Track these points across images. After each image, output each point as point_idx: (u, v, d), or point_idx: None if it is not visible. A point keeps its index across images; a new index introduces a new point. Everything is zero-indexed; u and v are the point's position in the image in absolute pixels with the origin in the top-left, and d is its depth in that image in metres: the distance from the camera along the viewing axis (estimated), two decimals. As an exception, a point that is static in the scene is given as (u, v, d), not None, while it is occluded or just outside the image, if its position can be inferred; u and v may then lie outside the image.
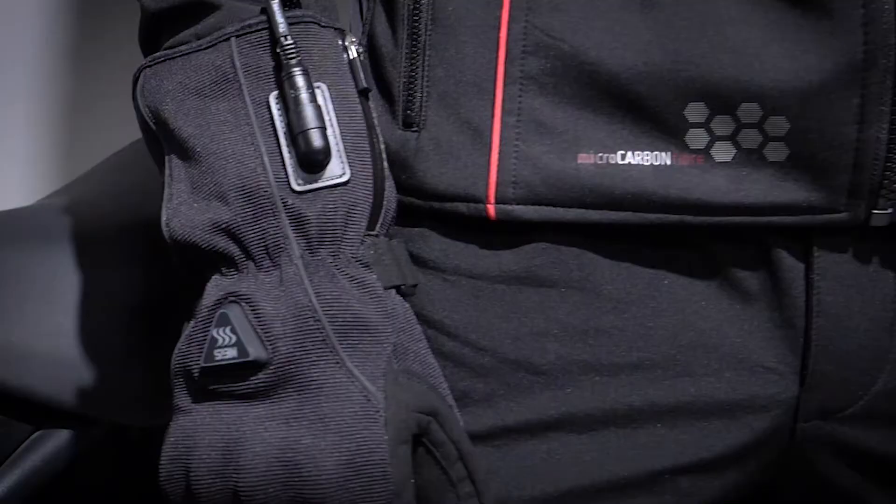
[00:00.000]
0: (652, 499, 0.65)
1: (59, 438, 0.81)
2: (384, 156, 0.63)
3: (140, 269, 0.83)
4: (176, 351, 0.61)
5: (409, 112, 0.64)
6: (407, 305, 0.62)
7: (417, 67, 0.64)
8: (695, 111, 0.60)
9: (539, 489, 0.64)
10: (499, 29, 0.62)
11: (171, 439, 0.60)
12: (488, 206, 0.62)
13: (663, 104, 0.60)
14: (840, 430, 0.65)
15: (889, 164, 0.60)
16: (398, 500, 0.57)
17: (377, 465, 0.56)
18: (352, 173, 0.60)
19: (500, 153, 0.62)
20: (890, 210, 0.61)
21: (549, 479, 0.64)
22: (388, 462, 0.56)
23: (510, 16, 0.62)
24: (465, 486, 0.60)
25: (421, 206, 0.64)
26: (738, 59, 0.59)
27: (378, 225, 0.61)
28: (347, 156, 0.60)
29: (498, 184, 0.62)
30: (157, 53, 0.63)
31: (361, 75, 0.62)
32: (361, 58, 0.63)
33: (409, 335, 0.61)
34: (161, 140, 0.63)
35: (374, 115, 0.63)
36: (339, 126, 0.60)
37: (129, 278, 0.83)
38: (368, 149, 0.61)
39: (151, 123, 0.63)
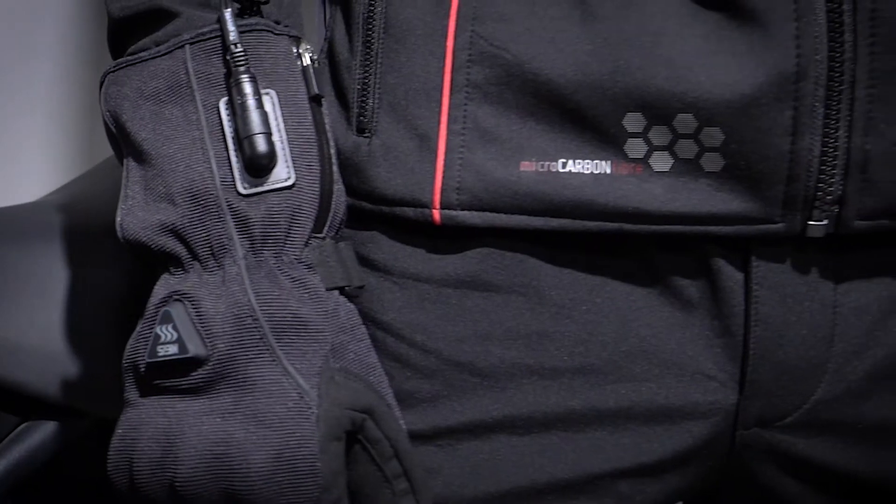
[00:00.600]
0: (592, 501, 0.66)
1: (45, 430, 0.83)
2: (334, 160, 0.64)
3: (129, 266, 0.85)
4: (127, 346, 0.63)
5: (362, 118, 0.66)
6: (351, 306, 0.64)
7: (370, 75, 0.66)
8: (633, 121, 0.61)
9: (482, 489, 0.65)
10: (446, 38, 0.63)
11: (119, 431, 0.62)
12: (434, 211, 0.64)
13: (602, 114, 0.61)
14: (780, 438, 0.66)
15: (822, 177, 0.60)
16: (326, 494, 0.58)
17: (306, 460, 0.58)
18: (297, 177, 0.62)
19: (445, 159, 0.63)
20: (826, 221, 0.61)
21: (492, 479, 0.65)
22: (318, 457, 0.58)
23: (457, 25, 0.63)
24: (400, 483, 0.62)
25: (372, 211, 0.66)
26: (673, 70, 0.59)
27: (325, 227, 0.63)
28: (294, 160, 0.62)
29: (443, 189, 0.63)
30: (120, 59, 0.65)
31: (314, 82, 0.64)
32: (316, 65, 0.65)
33: (351, 335, 0.63)
34: (120, 143, 0.65)
35: (329, 120, 0.65)
36: (287, 131, 0.62)
37: (119, 276, 0.85)
38: (316, 153, 0.63)
39: (112, 127, 0.65)
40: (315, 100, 0.64)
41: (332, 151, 0.64)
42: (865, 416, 0.66)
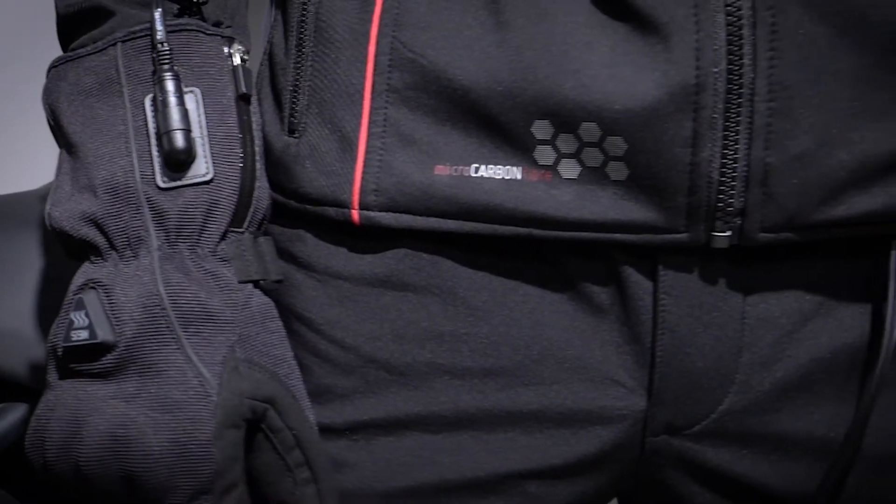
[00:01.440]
0: (502, 500, 0.67)
1: (16, 411, 0.87)
2: (258, 158, 0.66)
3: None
4: (50, 330, 0.66)
5: (292, 119, 0.68)
6: (267, 300, 0.66)
7: (301, 76, 0.67)
8: (541, 129, 0.62)
9: (393, 484, 0.67)
10: (368, 43, 0.65)
11: (37, 412, 0.65)
12: (353, 211, 0.65)
13: (512, 121, 0.62)
14: (688, 446, 0.66)
15: (722, 188, 0.60)
16: (220, 479, 0.60)
17: (201, 445, 0.60)
18: (216, 173, 0.64)
19: (364, 161, 0.65)
20: (729, 233, 0.62)
21: (404, 475, 0.66)
22: (213, 443, 0.60)
23: (379, 31, 0.64)
24: (302, 472, 0.63)
25: (298, 209, 0.68)
26: (578, 80, 0.60)
27: (245, 223, 0.65)
28: (213, 157, 0.64)
29: (362, 191, 0.65)
30: (61, 55, 0.68)
31: (242, 82, 0.66)
32: (246, 65, 0.67)
33: (262, 328, 0.65)
34: (56, 135, 0.68)
35: (258, 119, 0.67)
36: (208, 128, 0.64)
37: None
38: (238, 151, 0.65)
39: (50, 120, 0.68)
40: (243, 99, 0.66)
41: (258, 149, 0.66)
42: (774, 428, 0.66)
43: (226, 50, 0.66)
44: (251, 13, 0.72)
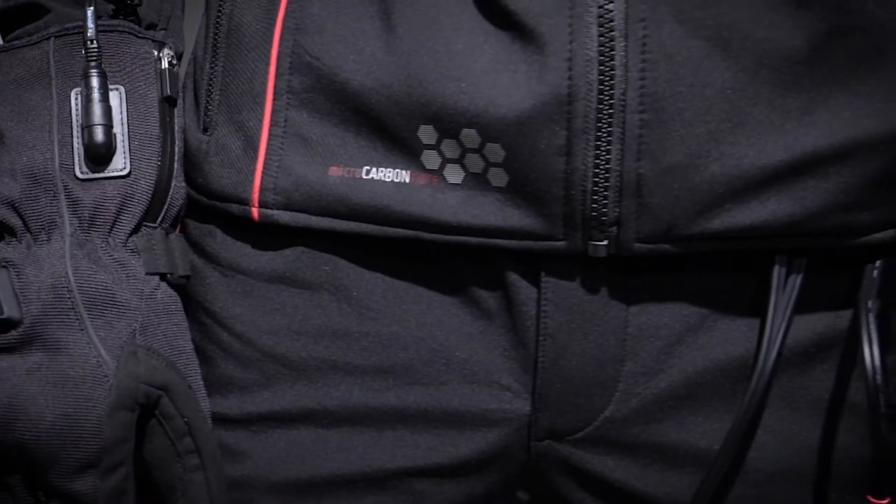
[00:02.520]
0: (389, 497, 0.69)
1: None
2: (177, 157, 0.70)
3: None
4: None
5: (206, 117, 0.70)
6: (172, 293, 0.69)
7: (214, 75, 0.70)
8: (426, 133, 0.63)
9: (285, 475, 0.69)
10: (272, 45, 0.67)
11: None
12: (253, 209, 0.68)
13: (400, 125, 0.64)
14: (572, 452, 0.67)
15: (595, 198, 0.62)
16: (108, 456, 0.63)
17: (91, 422, 0.63)
18: (133, 169, 0.67)
19: (265, 161, 0.67)
20: (606, 242, 0.63)
21: (296, 467, 0.69)
22: (104, 422, 0.63)
23: (281, 34, 0.67)
24: (192, 459, 0.66)
25: (208, 205, 0.70)
26: (459, 86, 0.62)
27: (159, 218, 0.69)
28: (132, 153, 0.67)
29: (261, 189, 0.67)
30: None
31: (168, 84, 0.70)
32: (175, 69, 0.71)
33: (166, 319, 0.68)
34: None
35: (182, 121, 0.70)
36: (129, 126, 0.68)
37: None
38: (157, 149, 0.68)
39: None
40: (168, 101, 0.70)
41: (178, 150, 0.70)
42: (657, 438, 0.67)
43: (155, 53, 0.70)
44: (190, 16, 0.75)
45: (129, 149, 0.67)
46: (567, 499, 0.69)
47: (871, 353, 0.61)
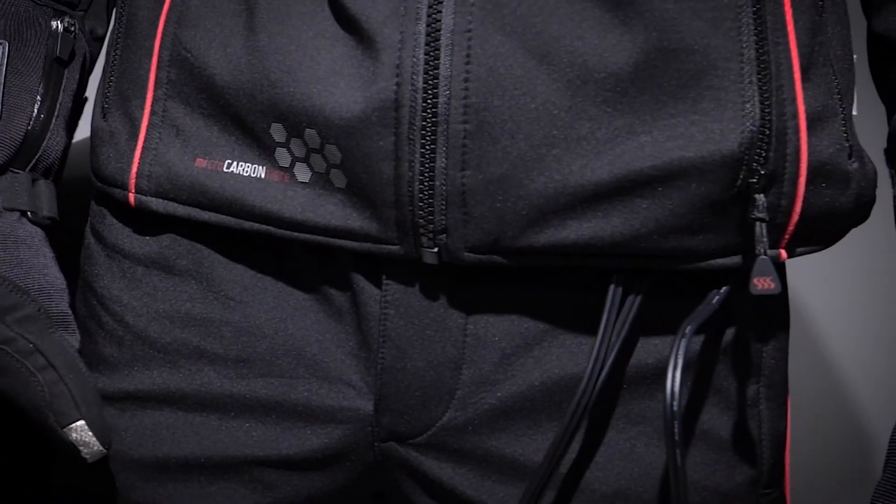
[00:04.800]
0: (237, 484, 0.70)
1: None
2: (57, 115, 0.73)
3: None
4: None
5: (105, 104, 0.73)
6: (36, 230, 0.71)
7: (114, 63, 0.73)
8: (278, 131, 0.64)
9: (144, 453, 0.71)
10: (156, 37, 0.69)
11: None
12: (130, 194, 0.70)
13: (255, 122, 0.65)
14: (414, 456, 0.68)
15: (421, 205, 0.61)
16: None
17: None
18: (5, 117, 0.70)
19: (142, 148, 0.69)
20: (436, 249, 0.63)
21: (155, 447, 0.71)
22: None
23: (164, 27, 0.69)
24: (47, 374, 0.66)
25: (101, 188, 0.73)
26: (303, 87, 0.63)
27: (28, 166, 0.72)
28: (4, 102, 0.70)
29: (137, 175, 0.69)
30: None
31: (59, 46, 0.73)
32: (73, 36, 0.74)
33: (26, 250, 0.69)
34: None
35: (73, 86, 0.74)
36: (6, 77, 0.70)
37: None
38: (33, 101, 0.72)
39: None
40: (58, 61, 0.73)
41: (61, 109, 0.73)
42: (492, 448, 0.67)
43: (53, 23, 0.73)
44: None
45: (2, 98, 0.70)
46: (413, 501, 0.70)
47: (671, 379, 0.59)
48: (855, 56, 0.72)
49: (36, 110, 0.72)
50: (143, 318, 0.71)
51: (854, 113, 0.72)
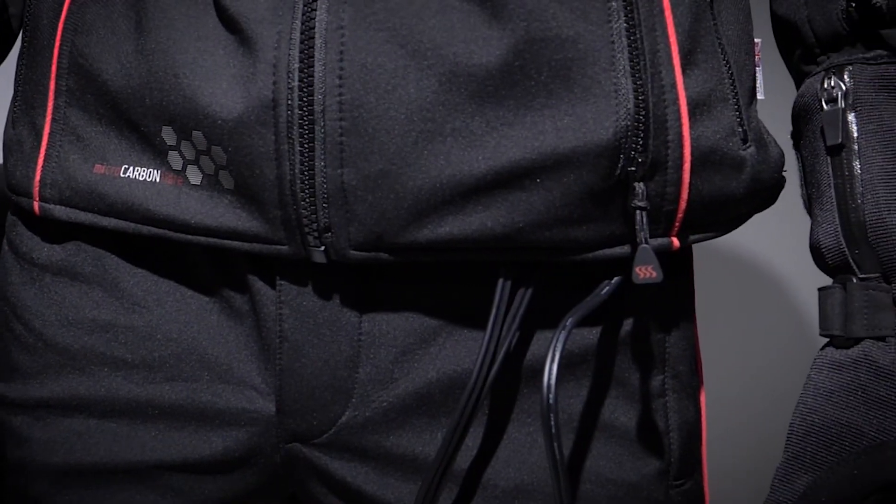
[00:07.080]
0: (148, 490, 0.70)
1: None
2: None
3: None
4: None
5: (14, 113, 0.73)
6: None
7: (21, 74, 0.73)
8: (168, 134, 0.64)
9: (55, 460, 0.71)
10: (54, 46, 0.69)
11: None
12: (34, 202, 0.70)
13: (147, 125, 0.65)
14: (318, 456, 0.68)
15: (303, 204, 0.61)
16: None
17: None
18: None
19: (45, 156, 0.70)
20: (322, 248, 0.62)
21: (65, 454, 0.71)
22: None
23: (61, 35, 0.69)
24: None
25: (12, 198, 0.73)
26: (188, 89, 0.62)
27: None
28: None
29: (41, 184, 0.70)
30: None
31: None
32: None
33: None
34: None
35: None
36: None
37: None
38: None
39: None
40: None
41: None
42: (392, 446, 0.66)
43: None
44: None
45: None
46: (320, 501, 0.69)
47: (549, 371, 0.58)
48: (760, 40, 0.72)
49: None
50: (52, 326, 0.71)
51: (760, 97, 0.71)
